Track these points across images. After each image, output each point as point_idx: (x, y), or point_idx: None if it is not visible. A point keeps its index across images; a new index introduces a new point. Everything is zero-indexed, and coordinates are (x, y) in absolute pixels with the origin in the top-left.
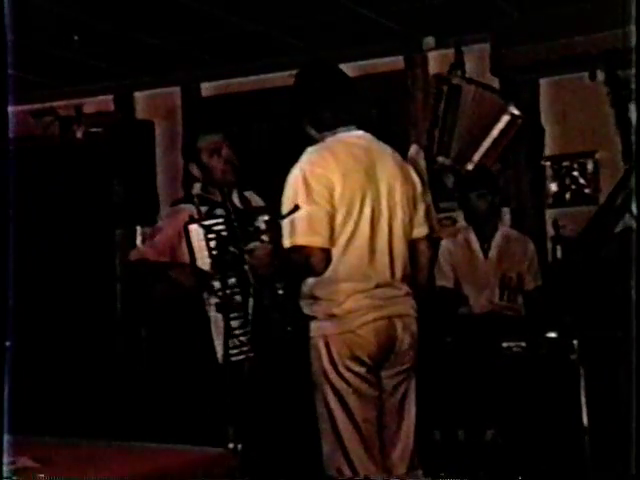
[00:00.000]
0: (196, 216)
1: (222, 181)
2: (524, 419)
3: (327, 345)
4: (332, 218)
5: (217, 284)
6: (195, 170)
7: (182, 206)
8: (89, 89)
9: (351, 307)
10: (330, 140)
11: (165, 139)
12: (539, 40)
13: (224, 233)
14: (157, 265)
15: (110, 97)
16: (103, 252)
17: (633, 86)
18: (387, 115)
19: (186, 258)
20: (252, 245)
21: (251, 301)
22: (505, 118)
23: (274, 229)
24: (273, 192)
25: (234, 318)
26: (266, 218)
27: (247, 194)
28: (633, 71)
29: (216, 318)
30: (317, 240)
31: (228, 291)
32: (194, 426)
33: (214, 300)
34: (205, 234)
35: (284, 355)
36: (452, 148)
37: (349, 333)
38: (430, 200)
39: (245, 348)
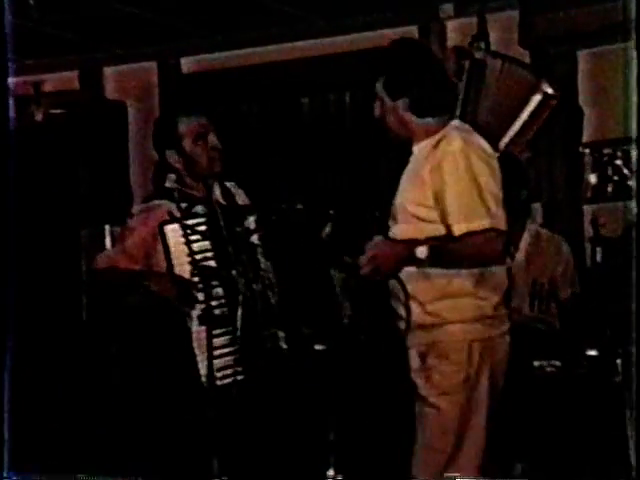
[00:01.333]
0: (175, 214)
1: (207, 172)
2: (558, 452)
3: (479, 351)
4: None
5: (200, 295)
6: (174, 159)
7: (157, 202)
8: (50, 63)
9: (502, 310)
10: (457, 126)
11: (139, 123)
12: (576, 5)
13: (206, 234)
14: (129, 274)
15: (75, 73)
16: (66, 255)
17: None
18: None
19: (163, 265)
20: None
21: (240, 313)
22: (536, 98)
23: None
24: (261, 184)
25: (220, 334)
26: (254, 217)
27: (229, 186)
28: None
29: (198, 334)
30: (504, 225)
31: (213, 302)
32: (173, 459)
33: (196, 312)
34: (185, 235)
35: (279, 377)
36: (475, 128)
37: (499, 338)
38: None
39: (233, 369)
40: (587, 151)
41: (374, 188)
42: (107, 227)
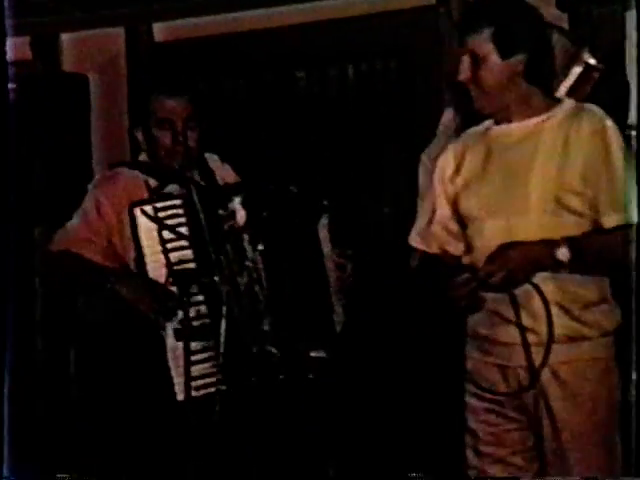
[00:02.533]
0: (143, 189)
1: (166, 164)
2: None
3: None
4: None
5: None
6: (141, 139)
7: (124, 171)
8: None
9: None
10: (580, 105)
11: (103, 100)
12: None
13: (182, 220)
14: (91, 269)
15: (25, 40)
16: (17, 257)
17: None
18: (412, 68)
19: (131, 254)
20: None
21: (223, 327)
22: (576, 70)
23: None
24: (250, 166)
25: (200, 349)
26: (240, 199)
27: (212, 160)
28: None
29: (174, 347)
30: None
31: (192, 312)
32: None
33: (172, 324)
34: (157, 221)
35: (268, 386)
36: None
37: None
38: None
39: (214, 378)
40: (633, 133)
41: (381, 176)
42: (68, 225)
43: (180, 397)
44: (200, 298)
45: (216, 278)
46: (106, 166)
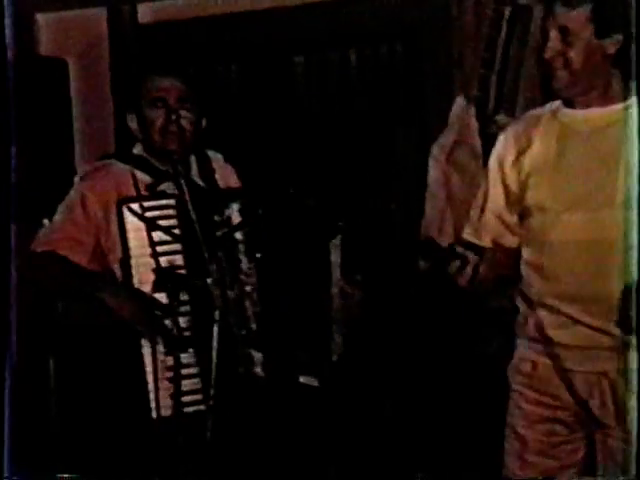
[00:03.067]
0: (134, 186)
1: (160, 147)
2: None
3: None
4: None
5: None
6: (134, 125)
7: (114, 164)
8: None
9: None
10: None
11: (83, 86)
12: None
13: (173, 222)
14: (75, 274)
15: None
16: None
17: None
18: (419, 52)
19: (117, 255)
20: None
21: (216, 334)
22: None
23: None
24: (244, 165)
25: (186, 361)
26: (238, 205)
27: (214, 159)
28: None
29: (150, 354)
30: None
31: (182, 321)
32: None
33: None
34: (146, 220)
35: (251, 410)
36: (517, 101)
37: None
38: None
39: (194, 397)
40: None
41: (387, 170)
42: (46, 222)
43: (158, 413)
44: (188, 308)
45: (209, 280)
46: (88, 157)
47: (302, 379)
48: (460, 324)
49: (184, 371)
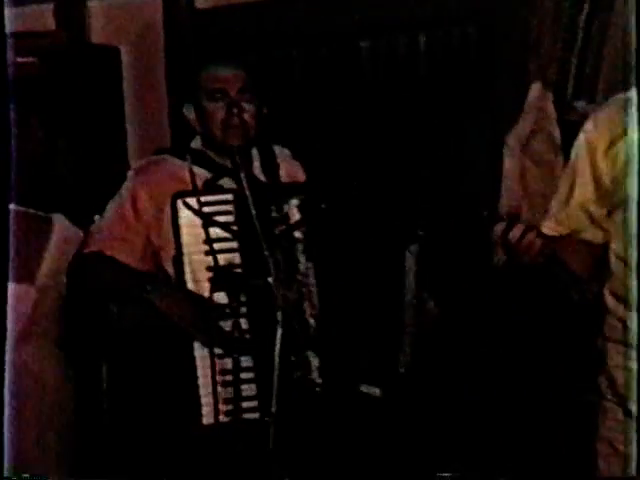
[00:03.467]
0: (191, 181)
1: (220, 142)
2: None
3: None
4: None
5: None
6: (192, 116)
7: (169, 158)
8: None
9: None
10: None
11: (138, 74)
12: None
13: (231, 218)
14: (124, 274)
15: (49, 7)
16: None
17: None
18: (493, 35)
19: (170, 252)
20: None
21: (279, 336)
22: None
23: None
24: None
25: (244, 365)
26: (297, 202)
27: (281, 154)
28: None
29: (203, 358)
30: None
31: (242, 322)
32: None
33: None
34: (202, 216)
35: (307, 418)
36: (598, 86)
37: None
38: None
39: (255, 403)
40: None
41: (459, 161)
42: (97, 218)
43: (210, 420)
44: (246, 309)
45: (270, 279)
46: (142, 150)
47: (363, 388)
48: (539, 327)
49: (242, 375)
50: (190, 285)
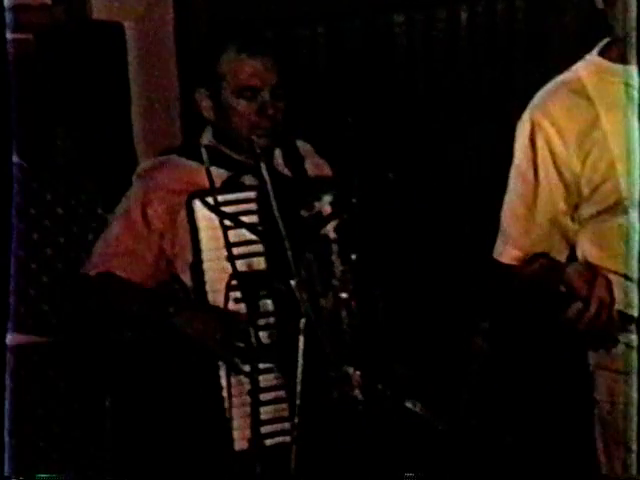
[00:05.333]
0: (205, 181)
1: (246, 143)
2: None
3: None
4: None
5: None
6: (205, 103)
7: (178, 158)
8: None
9: None
10: None
11: (143, 54)
12: None
13: (254, 219)
14: (138, 296)
15: None
16: None
17: None
18: (542, 7)
19: (187, 259)
20: None
21: (302, 346)
22: None
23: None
24: (337, 147)
25: (267, 379)
26: (330, 197)
27: (301, 146)
28: None
29: (233, 381)
30: None
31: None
32: None
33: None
34: (221, 216)
35: (347, 439)
36: None
37: None
38: None
39: (279, 426)
40: None
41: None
42: (100, 212)
43: (240, 446)
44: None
45: (292, 282)
46: (149, 140)
47: (409, 404)
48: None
49: (263, 396)
50: (210, 296)
